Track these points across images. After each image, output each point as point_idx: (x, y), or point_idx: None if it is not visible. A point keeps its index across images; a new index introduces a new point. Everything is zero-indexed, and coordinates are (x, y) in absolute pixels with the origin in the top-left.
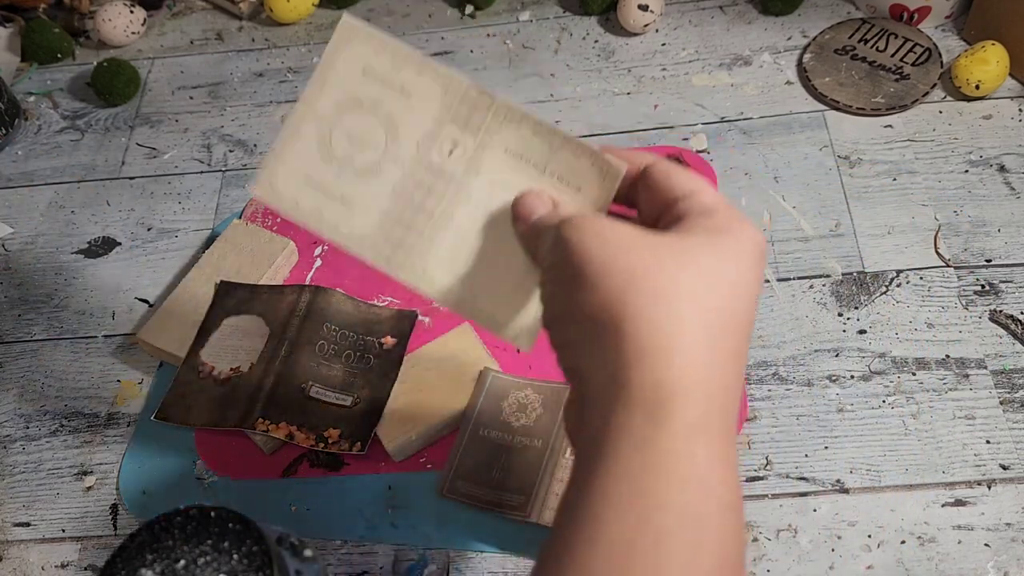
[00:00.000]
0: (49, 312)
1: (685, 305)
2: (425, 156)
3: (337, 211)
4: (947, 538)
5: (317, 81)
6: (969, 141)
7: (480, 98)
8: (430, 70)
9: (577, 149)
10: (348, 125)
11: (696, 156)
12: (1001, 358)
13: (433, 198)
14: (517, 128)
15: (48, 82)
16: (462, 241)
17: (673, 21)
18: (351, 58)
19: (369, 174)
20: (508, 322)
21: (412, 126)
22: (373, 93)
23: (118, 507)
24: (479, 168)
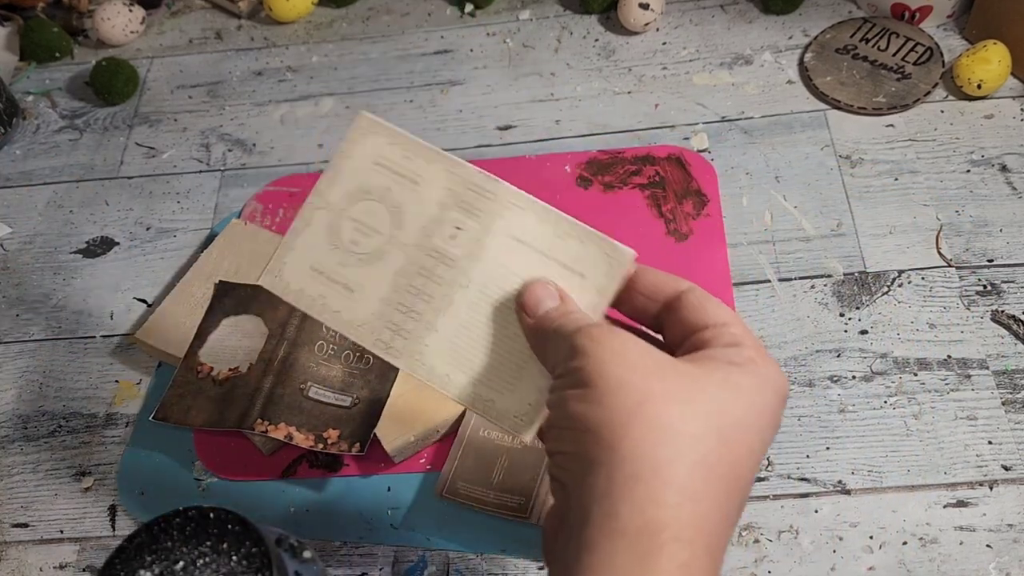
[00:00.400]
0: (47, 312)
1: (686, 441)
2: (428, 241)
3: (340, 298)
4: (949, 539)
5: (331, 172)
6: (971, 141)
7: (486, 183)
8: (440, 159)
9: (584, 235)
10: (356, 214)
11: (697, 156)
12: (1003, 358)
13: (433, 283)
14: (522, 214)
15: (47, 81)
16: (462, 327)
17: (674, 20)
18: (366, 150)
19: (372, 260)
20: (508, 410)
21: (418, 212)
22: (383, 182)
23: (116, 508)
24: (482, 254)
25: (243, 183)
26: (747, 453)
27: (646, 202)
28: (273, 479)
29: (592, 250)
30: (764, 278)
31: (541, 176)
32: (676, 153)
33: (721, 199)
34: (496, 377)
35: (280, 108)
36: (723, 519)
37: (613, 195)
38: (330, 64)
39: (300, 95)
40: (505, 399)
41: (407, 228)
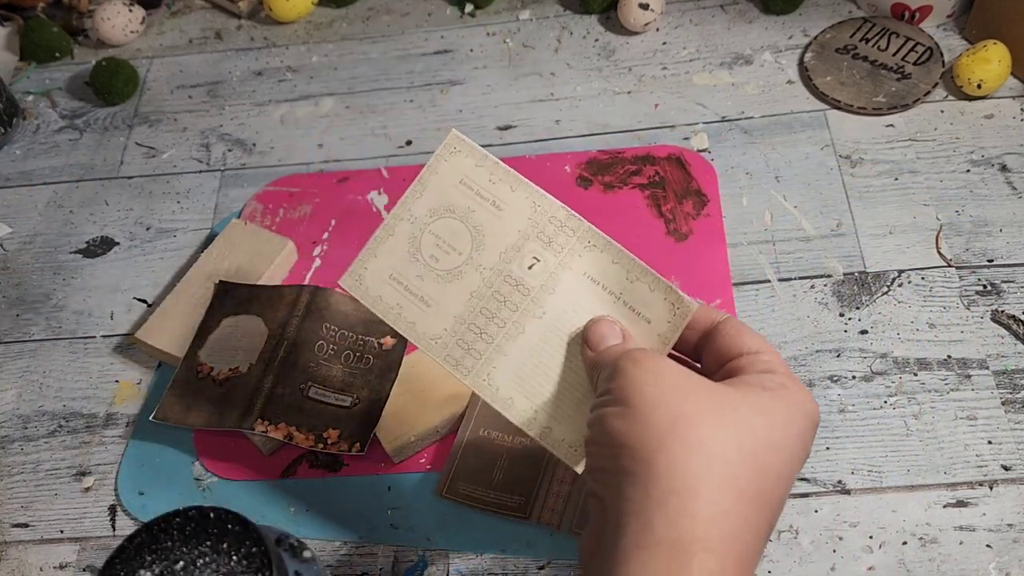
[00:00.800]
0: (47, 312)
1: (718, 460)
2: (506, 267)
3: (416, 310)
4: (949, 539)
5: (418, 185)
6: (971, 141)
7: (568, 220)
8: (524, 187)
9: (653, 283)
10: (438, 229)
11: (697, 155)
12: (1003, 358)
13: (507, 309)
14: (599, 254)
15: (47, 81)
16: (529, 355)
17: (674, 20)
18: (452, 168)
19: (451, 278)
20: (565, 439)
21: (498, 237)
22: (467, 202)
23: (116, 508)
24: (556, 287)
25: (243, 183)
26: (776, 475)
27: (646, 202)
28: (273, 479)
29: (659, 298)
30: (764, 278)
31: (541, 176)
32: (676, 153)
33: (721, 199)
34: (557, 407)
35: (280, 108)
36: (753, 536)
37: (613, 195)
38: (330, 64)
39: (300, 95)
40: (563, 428)
41: (486, 251)
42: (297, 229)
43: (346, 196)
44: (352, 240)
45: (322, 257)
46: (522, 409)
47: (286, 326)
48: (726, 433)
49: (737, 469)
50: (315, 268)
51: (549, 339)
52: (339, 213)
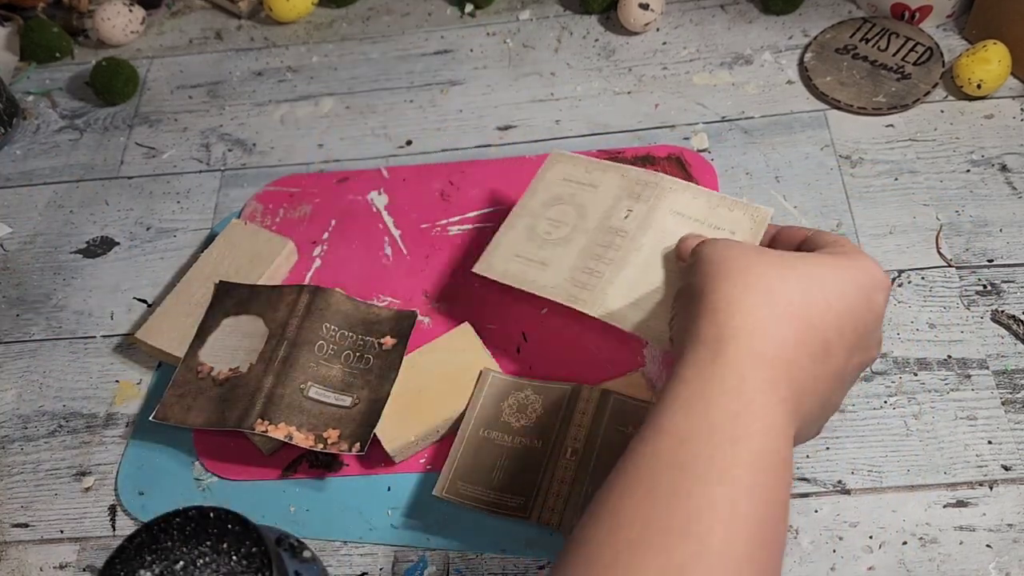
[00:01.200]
0: (48, 312)
1: (781, 300)
2: (606, 223)
3: (536, 271)
4: (949, 539)
5: (530, 190)
6: (971, 141)
7: (650, 177)
8: (613, 168)
9: (732, 204)
10: (550, 215)
11: (697, 155)
12: (1003, 358)
13: (612, 250)
14: (681, 194)
15: (47, 81)
16: (636, 278)
17: (674, 20)
18: (556, 172)
19: (563, 243)
20: (667, 332)
21: (597, 205)
22: (570, 190)
23: (117, 508)
24: (649, 226)
25: (243, 183)
26: (834, 317)
27: None
28: (273, 479)
29: (738, 213)
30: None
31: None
32: (676, 153)
33: None
34: (661, 310)
35: (280, 108)
36: (811, 379)
37: None
38: (330, 64)
39: (300, 95)
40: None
41: (589, 218)
42: (297, 229)
43: (346, 196)
44: (352, 240)
45: (322, 257)
46: (633, 318)
47: (286, 326)
48: (790, 281)
49: (800, 311)
50: (315, 268)
51: (650, 262)
52: (339, 213)
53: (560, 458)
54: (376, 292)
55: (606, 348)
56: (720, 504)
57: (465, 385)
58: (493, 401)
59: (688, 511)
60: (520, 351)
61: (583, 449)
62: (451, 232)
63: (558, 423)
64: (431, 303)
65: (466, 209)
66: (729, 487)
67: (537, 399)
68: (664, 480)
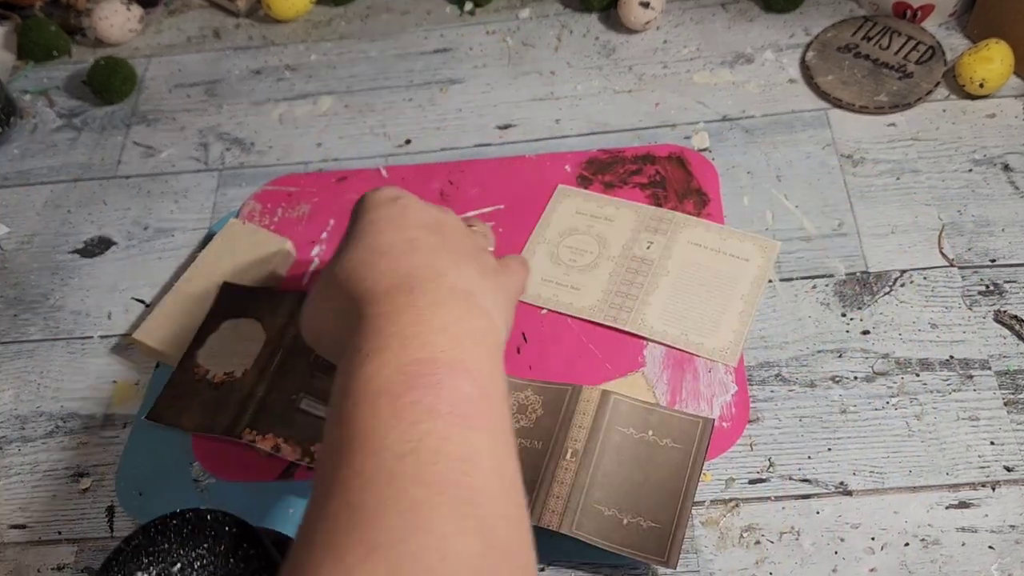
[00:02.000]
0: (45, 312)
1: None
2: (629, 252)
3: (569, 294)
4: (951, 540)
5: (543, 222)
6: (973, 140)
7: (664, 214)
8: (625, 205)
9: (742, 236)
10: (570, 243)
11: (698, 155)
12: (1005, 359)
13: (640, 276)
14: (694, 228)
15: (44, 80)
16: (668, 298)
17: (674, 18)
18: (567, 206)
19: (590, 268)
20: (713, 346)
21: (617, 236)
22: (585, 222)
23: (114, 509)
24: (671, 254)
25: (241, 182)
26: (389, 232)
27: (647, 201)
28: (272, 480)
29: (748, 244)
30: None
31: (541, 175)
32: (677, 152)
33: (722, 198)
34: (699, 325)
35: (279, 107)
36: (430, 276)
37: (613, 194)
38: (329, 63)
39: (299, 94)
40: (710, 340)
41: (611, 247)
42: (296, 229)
43: (345, 195)
44: None
45: (320, 257)
46: (674, 335)
47: (284, 333)
48: (353, 259)
49: (361, 270)
50: (313, 268)
51: (678, 285)
52: (338, 213)
53: (560, 459)
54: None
55: (606, 348)
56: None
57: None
58: None
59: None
60: (520, 351)
61: (583, 450)
62: None
63: (558, 424)
64: None
65: (466, 208)
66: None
67: (537, 400)
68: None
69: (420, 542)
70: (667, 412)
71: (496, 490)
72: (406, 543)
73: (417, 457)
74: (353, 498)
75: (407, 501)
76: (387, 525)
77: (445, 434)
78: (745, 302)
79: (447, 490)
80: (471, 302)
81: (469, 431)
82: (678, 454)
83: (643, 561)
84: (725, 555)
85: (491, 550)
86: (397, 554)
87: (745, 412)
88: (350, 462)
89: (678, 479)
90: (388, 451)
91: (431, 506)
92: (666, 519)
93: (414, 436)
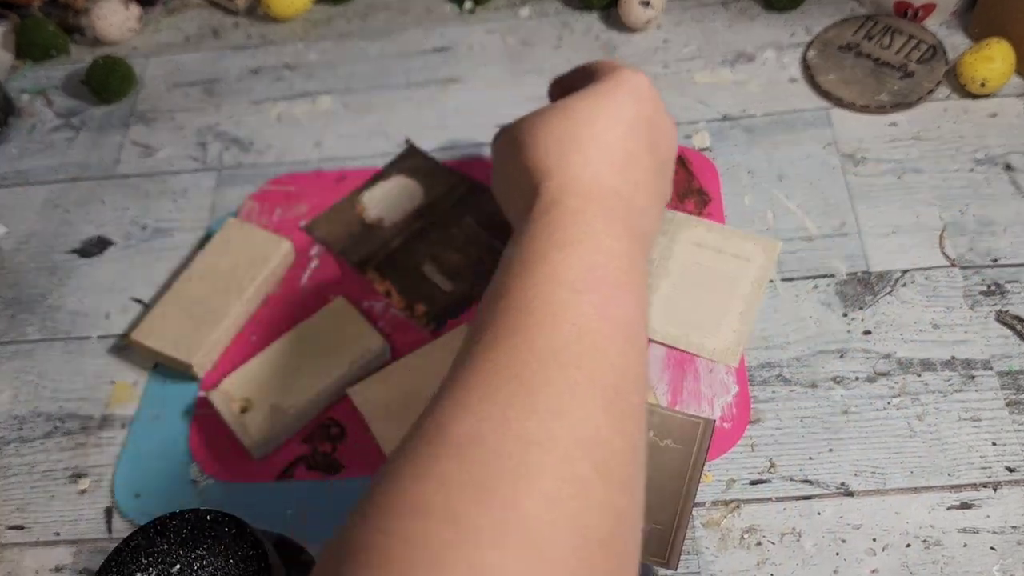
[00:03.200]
0: (43, 312)
1: (590, 150)
2: None
3: None
4: (953, 541)
5: None
6: (975, 139)
7: (666, 214)
8: None
9: (744, 236)
10: None
11: (698, 154)
12: (1007, 359)
13: None
14: (695, 228)
15: (42, 79)
16: (669, 300)
17: (675, 17)
18: None
19: None
20: (714, 347)
21: None
22: None
23: (113, 510)
24: (673, 255)
25: (240, 182)
26: (643, 137)
27: None
28: (271, 481)
29: (750, 244)
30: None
31: None
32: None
33: (723, 198)
34: (700, 326)
35: (277, 106)
36: (635, 184)
37: None
38: (328, 62)
39: (297, 93)
40: (711, 340)
41: None
42: (295, 228)
43: (344, 195)
44: None
45: (319, 257)
46: (675, 335)
47: (436, 205)
48: (589, 131)
49: (606, 152)
50: (312, 268)
51: (680, 286)
52: None
53: None
54: (375, 292)
55: None
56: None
57: None
58: None
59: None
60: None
61: None
62: None
63: None
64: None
65: None
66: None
67: None
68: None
69: (572, 416)
70: (668, 413)
71: (631, 388)
72: (560, 416)
73: (580, 347)
74: (519, 371)
75: (565, 381)
76: (545, 393)
77: (607, 342)
78: (746, 302)
79: (597, 380)
80: (647, 218)
81: (626, 344)
82: (679, 455)
83: (644, 562)
84: (726, 556)
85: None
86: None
87: (746, 413)
88: (525, 336)
89: (679, 480)
90: (560, 333)
91: (584, 387)
92: (667, 520)
93: (579, 329)
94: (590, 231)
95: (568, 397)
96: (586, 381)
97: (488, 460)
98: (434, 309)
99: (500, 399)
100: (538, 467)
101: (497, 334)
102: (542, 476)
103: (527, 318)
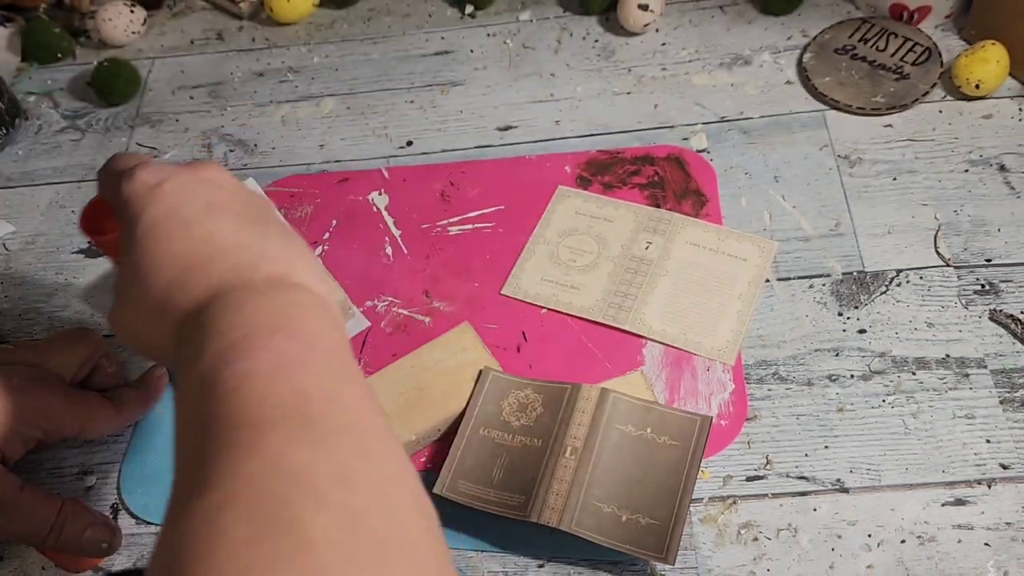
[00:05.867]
0: (50, 312)
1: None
2: (628, 252)
3: (569, 294)
4: (947, 537)
5: (543, 222)
6: (969, 141)
7: (663, 215)
8: (624, 206)
9: (740, 236)
10: (569, 243)
11: (696, 156)
12: (1001, 357)
13: (640, 276)
14: (692, 228)
15: (48, 82)
16: (666, 298)
17: (673, 21)
18: (566, 207)
19: (590, 269)
20: (711, 345)
21: (616, 236)
22: (585, 223)
23: (119, 507)
24: (670, 254)
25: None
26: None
27: (645, 202)
28: None
29: (746, 244)
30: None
31: (541, 176)
32: (675, 153)
33: (720, 199)
34: (698, 324)
35: (281, 109)
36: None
37: (612, 195)
38: (331, 65)
39: (301, 96)
40: (709, 339)
41: (611, 247)
42: (298, 230)
43: (347, 197)
44: (353, 240)
45: (323, 257)
46: (673, 334)
47: None
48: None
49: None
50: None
51: (676, 285)
52: (340, 214)
53: (560, 456)
54: (377, 292)
55: (605, 347)
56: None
57: (465, 384)
58: (493, 400)
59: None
60: (520, 350)
61: (583, 447)
62: (451, 232)
63: (558, 422)
64: (431, 303)
65: (466, 209)
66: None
67: (537, 398)
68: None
69: (259, 459)
70: (666, 410)
71: (332, 409)
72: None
73: (247, 400)
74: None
75: (245, 429)
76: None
77: (270, 381)
78: (743, 301)
79: (279, 416)
80: (286, 281)
81: (294, 375)
82: (676, 452)
83: (642, 558)
84: (723, 552)
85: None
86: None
87: (743, 410)
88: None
89: (676, 476)
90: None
91: (267, 428)
92: (664, 516)
93: (237, 388)
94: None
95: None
96: None
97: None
98: None
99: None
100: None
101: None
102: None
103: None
